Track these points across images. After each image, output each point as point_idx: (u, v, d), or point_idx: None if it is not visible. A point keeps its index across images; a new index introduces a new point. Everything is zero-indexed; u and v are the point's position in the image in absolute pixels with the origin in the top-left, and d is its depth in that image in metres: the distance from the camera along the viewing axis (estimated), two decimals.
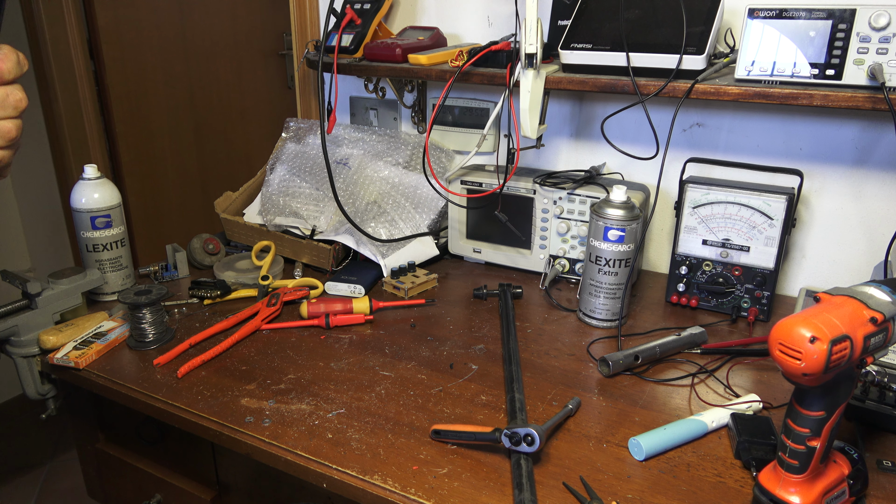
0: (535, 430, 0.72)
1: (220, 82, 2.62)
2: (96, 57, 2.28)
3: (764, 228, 1.05)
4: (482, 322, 1.09)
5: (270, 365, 0.96)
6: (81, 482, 1.22)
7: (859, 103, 0.88)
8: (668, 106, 1.22)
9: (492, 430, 0.76)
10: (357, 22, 1.31)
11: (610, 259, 1.03)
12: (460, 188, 1.30)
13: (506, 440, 0.74)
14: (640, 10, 1.05)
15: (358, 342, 1.03)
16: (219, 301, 1.16)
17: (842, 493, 0.66)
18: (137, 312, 0.99)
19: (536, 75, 1.05)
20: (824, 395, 0.60)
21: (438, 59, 1.21)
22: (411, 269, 1.24)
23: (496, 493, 0.71)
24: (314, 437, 0.80)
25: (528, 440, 0.73)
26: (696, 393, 0.90)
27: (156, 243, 2.51)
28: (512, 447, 0.74)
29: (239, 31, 2.63)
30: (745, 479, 0.73)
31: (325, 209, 1.30)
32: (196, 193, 2.64)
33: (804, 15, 0.91)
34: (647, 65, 1.01)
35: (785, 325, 0.57)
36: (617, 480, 0.73)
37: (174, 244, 1.27)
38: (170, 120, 2.50)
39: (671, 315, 1.13)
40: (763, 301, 1.09)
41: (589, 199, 1.18)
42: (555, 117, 1.35)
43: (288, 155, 1.41)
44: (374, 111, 1.58)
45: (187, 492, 1.04)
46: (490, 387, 0.90)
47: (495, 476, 0.73)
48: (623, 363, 0.93)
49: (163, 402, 0.88)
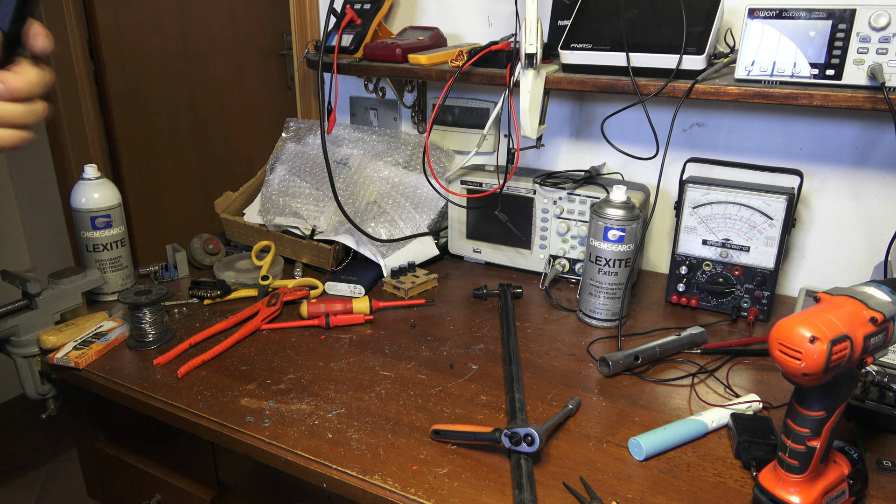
0: (535, 430, 0.72)
1: (220, 82, 2.62)
2: (96, 57, 2.28)
3: (764, 228, 1.05)
4: (482, 322, 1.09)
5: (270, 365, 0.96)
6: (81, 482, 1.22)
7: (859, 103, 0.88)
8: (668, 106, 1.22)
9: (492, 430, 0.76)
10: (357, 22, 1.31)
11: (610, 259, 1.03)
12: (460, 188, 1.30)
13: (506, 440, 0.74)
14: (640, 10, 1.05)
15: (358, 342, 1.03)
16: (219, 301, 1.16)
17: (842, 493, 0.66)
18: (137, 312, 0.99)
19: (536, 75, 1.05)
20: (824, 395, 0.60)
21: (438, 59, 1.21)
22: (411, 269, 1.24)
23: (496, 493, 0.71)
24: (314, 437, 0.80)
25: (528, 440, 0.73)
26: (696, 393, 0.90)
27: (156, 243, 2.51)
28: (512, 447, 0.74)
29: (239, 31, 2.63)
30: (745, 479, 0.73)
31: (325, 209, 1.30)
32: (196, 193, 2.64)
33: (804, 15, 0.91)
34: (647, 65, 1.01)
35: (785, 325, 0.57)
36: (617, 480, 0.73)
37: (174, 244, 1.27)
38: (170, 120, 2.50)
39: (671, 315, 1.13)
40: (763, 301, 1.09)
41: (589, 199, 1.18)
42: (555, 117, 1.35)
43: (288, 155, 1.41)
44: (374, 111, 1.58)
45: (187, 492, 1.04)
46: (490, 387, 0.90)
47: (495, 476, 0.73)
48: (623, 363, 0.93)
49: (163, 402, 0.88)
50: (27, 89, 0.61)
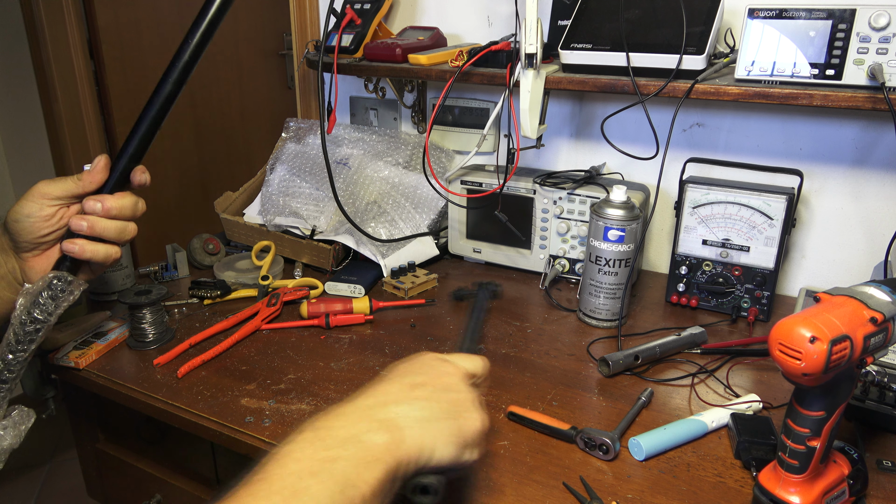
0: (609, 438, 0.75)
1: (220, 82, 2.62)
2: (96, 57, 2.28)
3: (764, 228, 1.05)
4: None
5: (270, 365, 0.96)
6: (81, 482, 1.22)
7: (859, 103, 0.88)
8: (668, 106, 1.22)
9: (569, 428, 0.78)
10: (357, 22, 1.31)
11: (610, 259, 1.03)
12: (460, 188, 1.30)
13: (580, 442, 0.77)
14: (640, 10, 1.05)
15: (358, 342, 1.03)
16: (219, 301, 1.16)
17: (842, 493, 0.66)
18: (137, 312, 0.99)
19: (536, 75, 1.05)
20: (824, 395, 0.60)
21: (438, 59, 1.21)
22: (411, 269, 1.24)
23: (496, 493, 0.71)
24: None
25: (603, 448, 0.75)
26: (696, 393, 0.90)
27: (156, 243, 2.51)
28: (586, 450, 0.77)
29: (239, 31, 2.63)
30: (745, 479, 0.73)
31: (325, 209, 1.30)
32: (196, 193, 2.64)
33: (804, 15, 0.91)
34: (647, 65, 1.01)
35: (785, 325, 0.57)
36: (617, 480, 0.73)
37: (174, 244, 1.27)
38: (170, 120, 2.49)
39: (671, 315, 1.13)
40: (763, 301, 1.09)
41: (589, 199, 1.18)
42: (555, 117, 1.35)
43: (288, 155, 1.41)
44: (374, 111, 1.58)
45: (187, 492, 1.04)
46: (490, 387, 0.90)
47: (495, 476, 0.73)
48: (623, 363, 0.93)
49: (163, 402, 0.88)
50: (120, 209, 0.75)
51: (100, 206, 0.74)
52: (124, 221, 0.76)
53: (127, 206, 0.76)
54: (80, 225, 0.74)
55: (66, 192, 0.75)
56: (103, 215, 0.74)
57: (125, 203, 0.76)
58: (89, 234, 0.74)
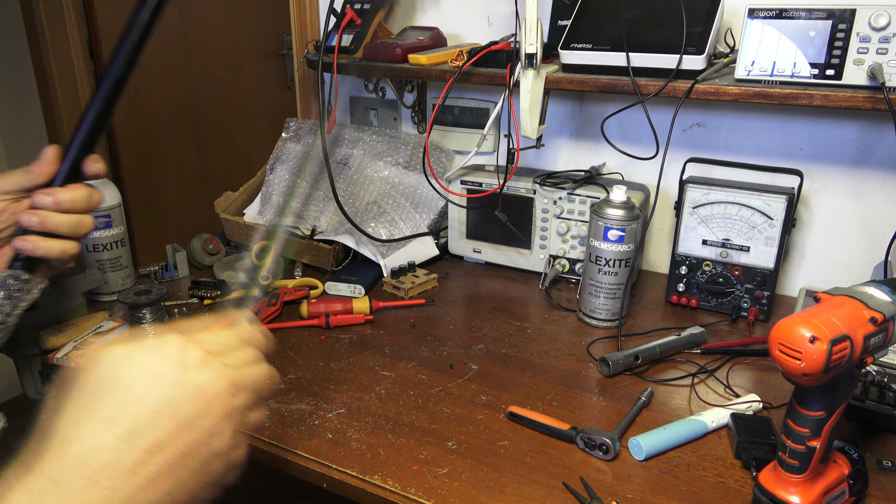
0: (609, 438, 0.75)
1: (220, 82, 2.62)
2: (96, 57, 2.28)
3: (764, 228, 1.05)
4: (482, 322, 1.09)
5: (270, 364, 0.96)
6: None
7: (859, 103, 0.88)
8: (668, 106, 1.22)
9: (569, 428, 0.78)
10: (357, 22, 1.31)
11: (610, 259, 1.03)
12: (460, 188, 1.30)
13: (580, 442, 0.77)
14: (640, 10, 1.05)
15: (358, 342, 1.03)
16: (219, 301, 1.16)
17: (842, 493, 0.66)
18: (137, 312, 0.99)
19: (536, 75, 1.05)
20: (824, 395, 0.60)
21: (438, 59, 1.21)
22: (411, 269, 1.24)
23: (496, 493, 0.71)
24: (314, 437, 0.80)
25: (603, 448, 0.75)
26: (696, 393, 0.90)
27: (156, 243, 2.51)
28: (586, 450, 0.77)
29: (239, 31, 2.62)
30: (745, 479, 0.73)
31: (325, 209, 1.30)
32: (196, 193, 2.64)
33: (804, 15, 0.91)
34: (647, 65, 1.01)
35: (785, 325, 0.57)
36: (617, 480, 0.73)
37: (174, 244, 1.27)
38: (170, 120, 2.50)
39: (671, 315, 1.13)
40: (763, 301, 1.09)
41: (589, 199, 1.18)
42: (555, 117, 1.35)
43: (288, 155, 1.41)
44: (374, 111, 1.58)
45: None
46: (490, 387, 0.90)
47: (495, 476, 0.73)
48: (623, 363, 0.93)
49: None
50: (72, 203, 0.69)
51: (50, 200, 0.68)
52: (79, 215, 0.71)
53: (80, 199, 0.70)
54: (31, 220, 0.68)
55: (15, 186, 0.70)
56: (55, 209, 0.69)
57: (77, 195, 0.70)
58: (41, 229, 0.69)
